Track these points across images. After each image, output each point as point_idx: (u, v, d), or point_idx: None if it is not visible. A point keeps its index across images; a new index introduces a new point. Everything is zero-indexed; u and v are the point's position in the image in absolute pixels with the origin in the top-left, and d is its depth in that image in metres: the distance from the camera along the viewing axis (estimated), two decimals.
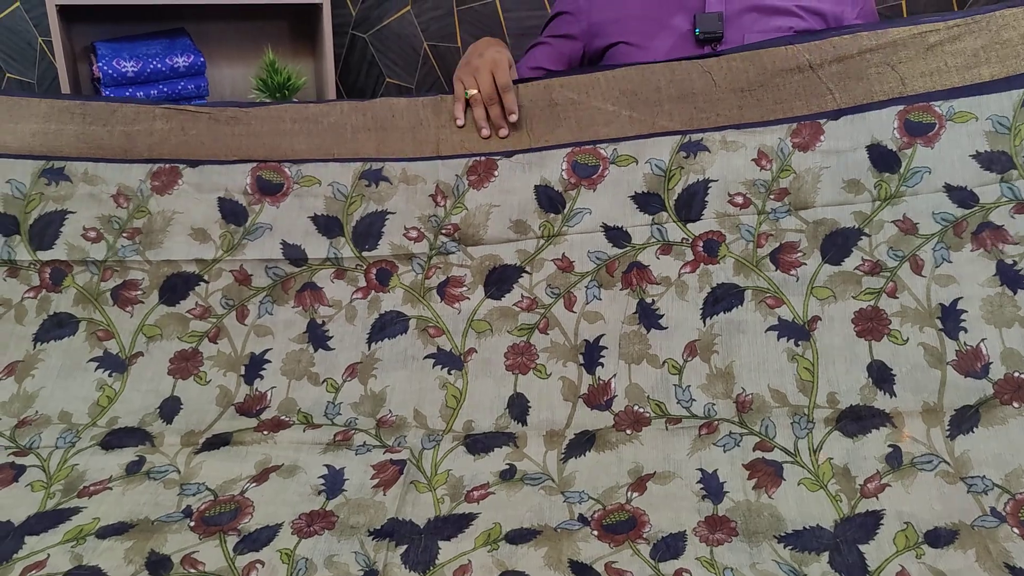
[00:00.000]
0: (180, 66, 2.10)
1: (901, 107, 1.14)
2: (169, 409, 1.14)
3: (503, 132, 1.21)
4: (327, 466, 1.06)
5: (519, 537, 0.94)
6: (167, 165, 1.24)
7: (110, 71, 2.04)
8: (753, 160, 1.17)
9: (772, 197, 1.16)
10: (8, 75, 2.23)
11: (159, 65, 2.08)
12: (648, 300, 1.16)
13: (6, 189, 1.23)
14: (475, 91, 1.21)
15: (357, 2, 2.34)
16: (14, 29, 2.19)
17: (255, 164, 1.24)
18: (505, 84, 1.20)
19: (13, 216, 1.22)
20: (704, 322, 1.13)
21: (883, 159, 1.13)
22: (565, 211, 1.20)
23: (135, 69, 2.06)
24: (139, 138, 1.25)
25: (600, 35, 1.39)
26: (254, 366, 1.18)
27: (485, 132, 1.22)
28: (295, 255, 1.22)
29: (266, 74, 2.20)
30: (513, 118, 1.21)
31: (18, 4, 2.17)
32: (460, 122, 1.22)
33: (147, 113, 1.25)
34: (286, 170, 1.24)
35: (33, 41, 2.20)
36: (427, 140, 1.24)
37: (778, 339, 1.10)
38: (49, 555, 0.91)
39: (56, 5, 1.97)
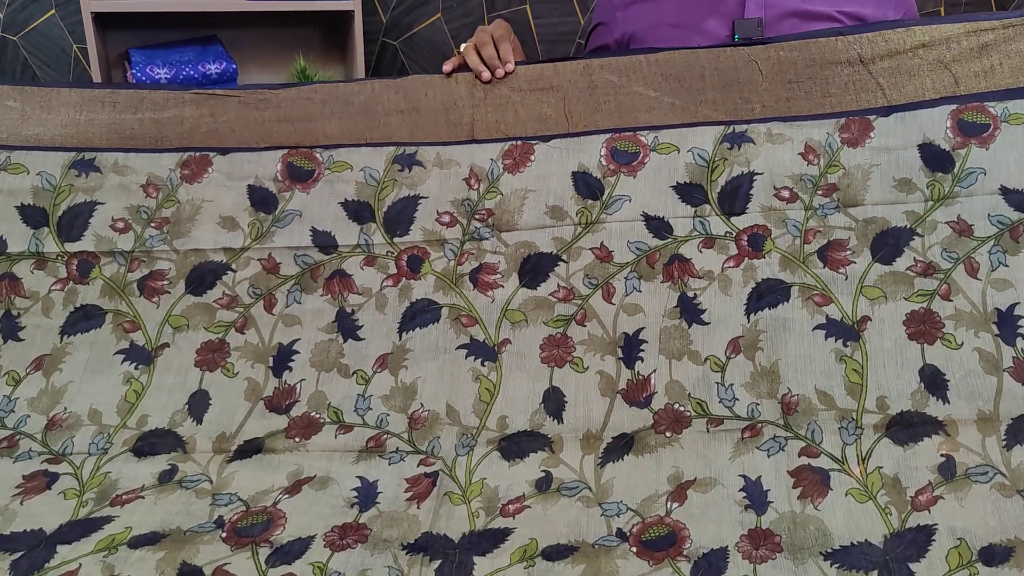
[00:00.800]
0: (212, 73, 2.11)
1: (954, 106, 1.10)
2: (198, 406, 1.11)
3: (499, 72, 1.20)
4: (360, 478, 1.03)
5: (556, 554, 0.90)
6: (197, 154, 1.23)
7: (143, 77, 2.05)
8: (800, 154, 1.13)
9: (820, 193, 1.12)
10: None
11: (191, 72, 2.09)
12: (690, 294, 1.11)
13: (36, 181, 1.21)
14: (468, 43, 1.25)
15: (388, 9, 2.34)
16: (49, 36, 2.21)
17: (286, 151, 1.22)
18: (500, 35, 1.22)
19: (42, 208, 1.20)
20: (748, 318, 1.09)
21: (936, 159, 1.09)
22: (604, 198, 1.16)
23: (168, 76, 2.07)
24: (169, 126, 1.23)
25: (634, 43, 1.37)
26: (282, 357, 1.14)
27: (485, 75, 1.20)
28: (325, 242, 1.19)
29: (297, 80, 2.21)
30: (509, 67, 1.20)
31: (53, 12, 2.20)
32: (447, 68, 1.23)
33: (176, 99, 1.23)
34: (318, 156, 1.22)
35: (68, 48, 2.21)
36: (461, 122, 1.21)
37: (825, 338, 1.05)
38: (81, 564, 0.89)
39: (92, 12, 1.98)
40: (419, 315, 1.15)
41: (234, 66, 2.13)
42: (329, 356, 1.14)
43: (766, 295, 1.09)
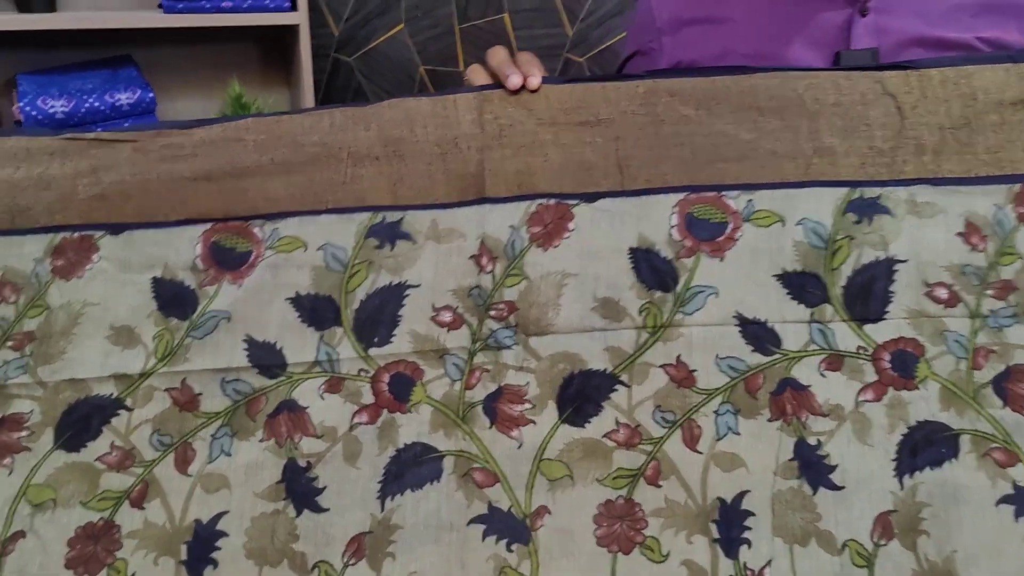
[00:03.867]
0: (123, 104, 1.71)
1: None
2: None
3: (511, 81, 0.83)
4: None
5: None
6: (75, 234, 0.83)
7: (34, 112, 1.65)
8: (959, 234, 0.79)
9: (990, 293, 0.78)
10: None
11: (96, 103, 1.69)
12: (811, 440, 0.76)
13: None
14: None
15: (340, 20, 1.97)
16: None
17: (209, 225, 0.83)
18: (527, 58, 0.87)
19: None
20: (901, 482, 0.75)
21: None
22: (678, 289, 0.80)
23: (66, 109, 1.67)
24: (31, 192, 0.83)
25: None
26: (202, 544, 0.76)
27: (515, 79, 0.82)
28: (267, 359, 0.81)
29: (231, 110, 1.82)
30: (534, 80, 0.82)
31: None
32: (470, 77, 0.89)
33: (40, 149, 0.84)
34: (255, 231, 0.83)
35: None
36: (466, 173, 0.83)
37: (1016, 518, 0.72)
38: None
39: None
40: (410, 469, 0.78)
41: (151, 94, 1.73)
42: (275, 539, 0.76)
43: (924, 447, 0.75)
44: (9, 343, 0.81)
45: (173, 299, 0.82)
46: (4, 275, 0.81)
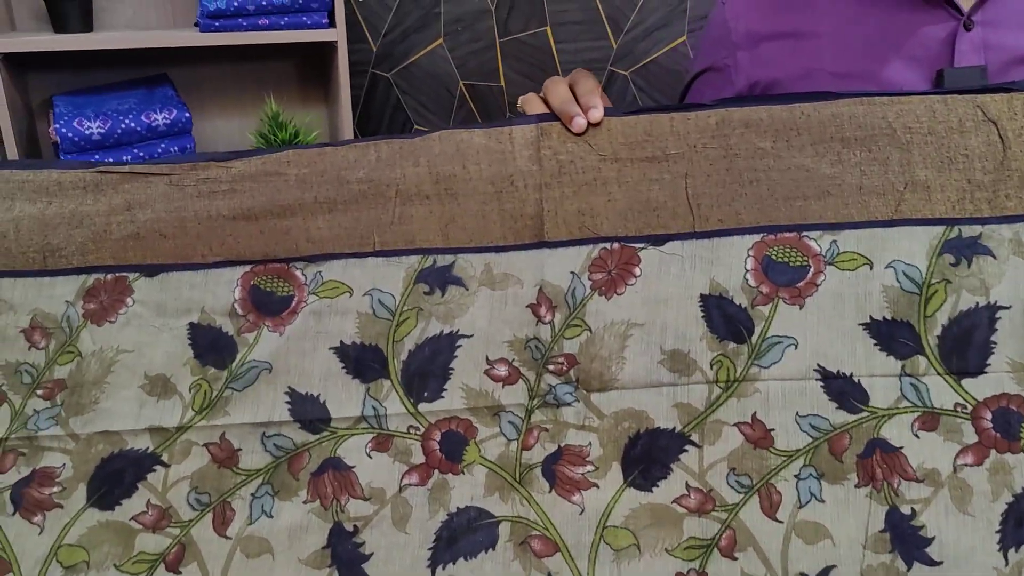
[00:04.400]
0: (159, 124, 1.68)
1: None
2: None
3: (576, 123, 0.76)
4: None
5: None
6: (108, 276, 0.78)
7: (70, 133, 1.62)
8: None
9: None
10: None
11: (132, 124, 1.66)
12: (905, 509, 0.69)
13: None
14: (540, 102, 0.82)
15: (378, 36, 1.92)
16: None
17: (248, 267, 0.78)
18: (588, 88, 0.79)
19: None
20: (1006, 557, 0.68)
21: None
22: (754, 340, 0.73)
23: (102, 130, 1.63)
24: (62, 230, 0.79)
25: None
26: None
27: (579, 121, 0.76)
28: (310, 413, 0.76)
29: (268, 128, 1.79)
30: (595, 114, 0.76)
31: None
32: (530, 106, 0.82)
33: (73, 183, 0.79)
34: (297, 273, 0.78)
35: None
36: (524, 214, 0.77)
37: None
38: None
39: (0, 54, 1.55)
40: (463, 536, 0.72)
41: (187, 114, 1.70)
42: None
43: None
44: (39, 391, 0.77)
45: (211, 346, 0.77)
46: (34, 319, 0.77)
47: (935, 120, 0.74)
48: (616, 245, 0.75)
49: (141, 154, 1.66)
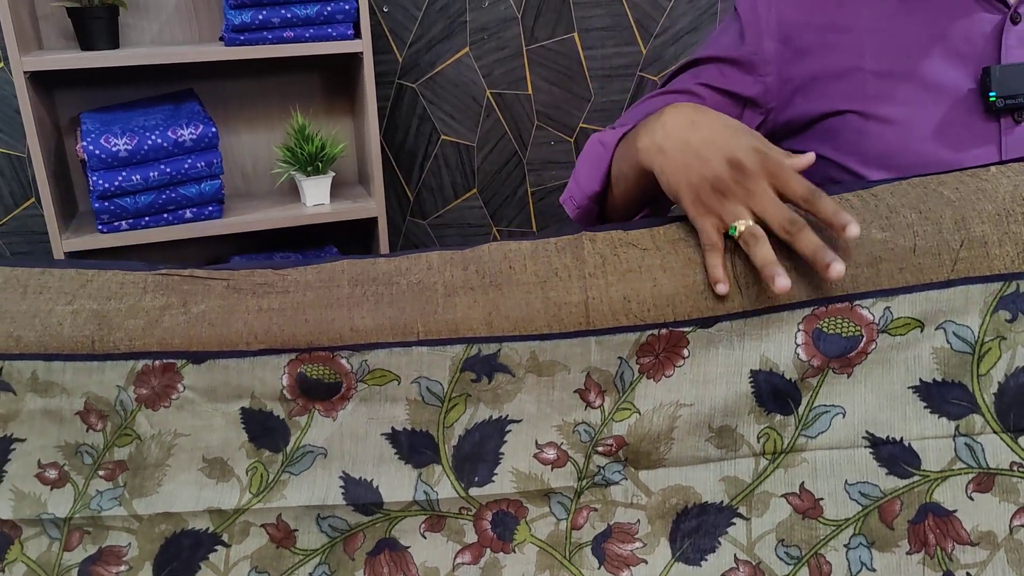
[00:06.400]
0: (186, 139, 1.67)
1: None
2: None
3: (835, 270, 0.64)
4: None
5: None
6: (157, 362, 0.77)
7: (97, 151, 1.61)
8: None
9: None
10: None
11: (159, 139, 1.65)
12: (960, 574, 0.67)
13: None
14: (746, 222, 0.68)
15: (404, 46, 1.90)
16: None
17: (294, 355, 0.77)
18: (807, 190, 0.66)
19: None
20: None
21: None
22: (800, 411, 0.71)
23: (129, 147, 1.63)
24: (114, 318, 0.78)
25: (808, 98, 0.90)
26: None
27: (782, 282, 0.65)
28: (364, 496, 0.75)
29: (294, 142, 1.78)
30: (854, 231, 0.64)
31: (2, 65, 1.76)
32: (723, 288, 0.69)
33: (134, 283, 0.79)
34: (343, 362, 0.76)
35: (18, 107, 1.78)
36: (570, 301, 0.75)
37: None
38: None
39: (27, 72, 1.54)
40: None
41: (213, 129, 1.69)
42: None
43: None
44: (100, 472, 0.76)
45: (264, 430, 0.76)
46: (88, 401, 0.76)
47: (981, 179, 0.72)
48: (664, 330, 0.73)
49: (168, 170, 1.66)
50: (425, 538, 0.74)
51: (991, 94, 0.80)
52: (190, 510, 0.75)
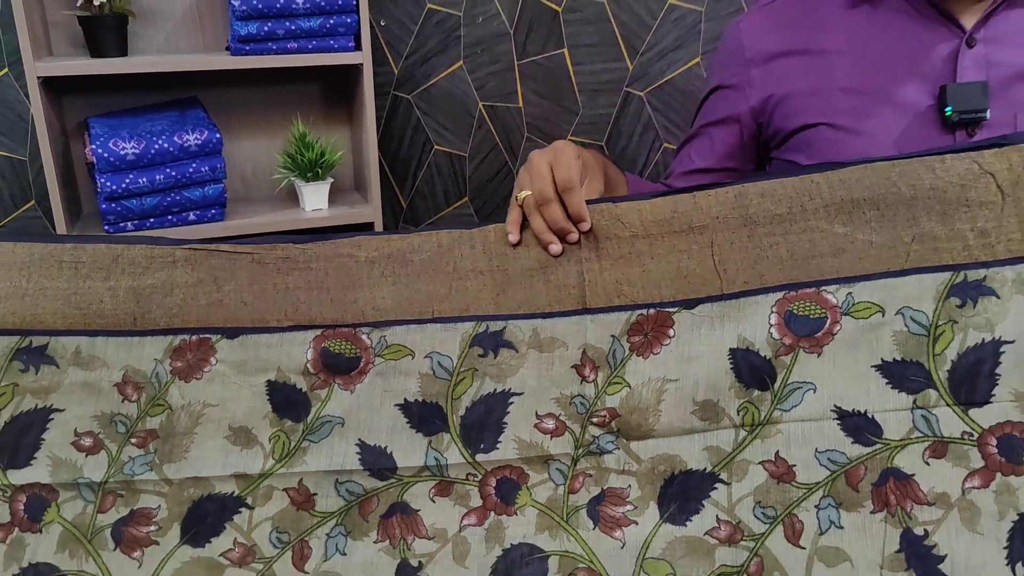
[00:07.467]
0: (191, 144, 1.74)
1: None
2: None
3: (571, 237, 0.84)
4: None
5: None
6: (194, 337, 0.85)
7: (105, 154, 1.67)
8: None
9: None
10: None
11: (165, 144, 1.72)
12: (918, 531, 0.76)
13: None
14: (527, 192, 0.85)
15: (400, 58, 1.98)
16: (2, 99, 1.83)
17: (319, 331, 0.85)
18: (566, 179, 0.83)
19: None
20: (1014, 570, 0.74)
21: None
22: (776, 387, 0.80)
23: (136, 151, 1.69)
24: (153, 297, 0.85)
25: (784, 114, 1.00)
26: None
27: (555, 248, 0.84)
28: (378, 463, 0.83)
29: (295, 149, 1.85)
30: (584, 226, 0.84)
31: (7, 71, 1.82)
32: (513, 238, 0.85)
33: (163, 258, 0.86)
34: (363, 337, 0.85)
35: (24, 113, 1.84)
36: (568, 284, 0.84)
37: None
38: None
39: (39, 78, 1.60)
40: (517, 569, 0.79)
41: (218, 135, 1.76)
42: None
43: None
44: (133, 440, 0.83)
45: (287, 402, 0.84)
46: (125, 374, 0.84)
47: (935, 177, 0.81)
48: (651, 310, 0.82)
49: (174, 173, 1.72)
50: (434, 502, 0.82)
51: (947, 109, 0.90)
52: (217, 475, 0.83)
